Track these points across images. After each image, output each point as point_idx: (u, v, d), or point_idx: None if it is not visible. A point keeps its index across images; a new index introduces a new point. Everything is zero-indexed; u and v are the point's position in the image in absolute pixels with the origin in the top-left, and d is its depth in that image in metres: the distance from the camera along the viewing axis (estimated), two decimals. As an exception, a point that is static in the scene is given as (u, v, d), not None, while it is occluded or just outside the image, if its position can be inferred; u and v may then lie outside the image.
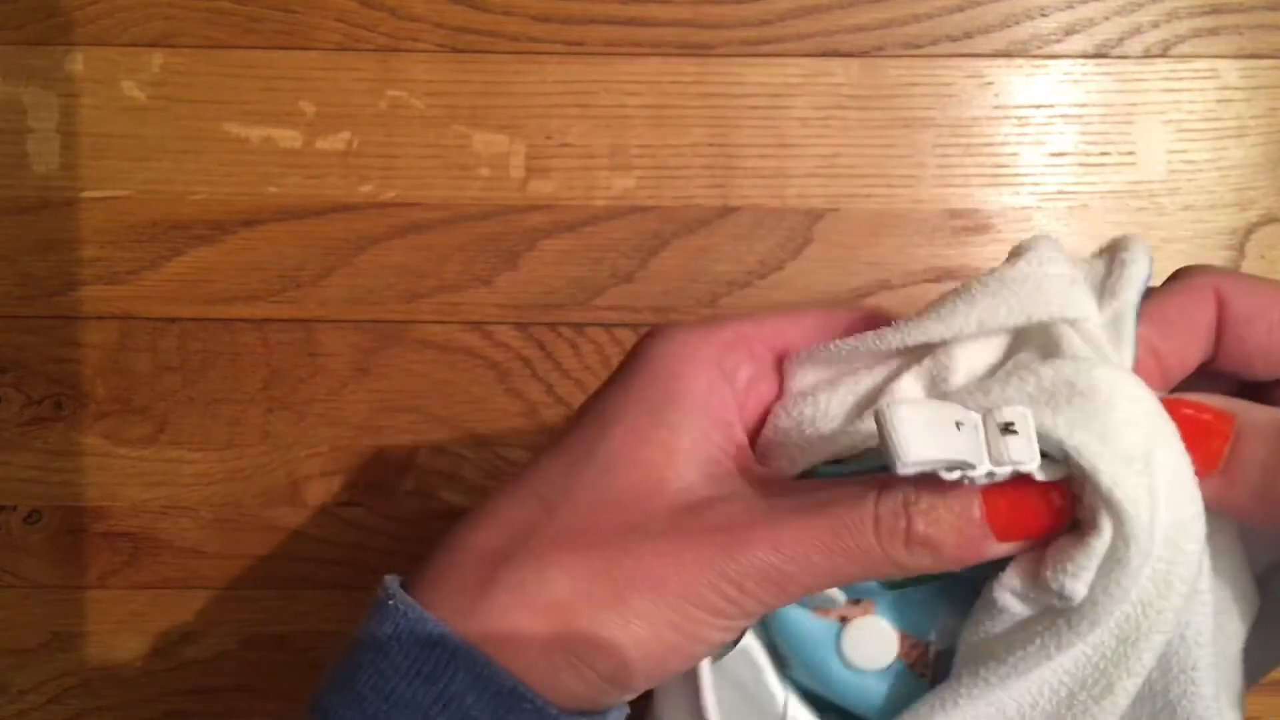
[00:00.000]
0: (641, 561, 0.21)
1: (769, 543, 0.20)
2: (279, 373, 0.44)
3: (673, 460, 0.22)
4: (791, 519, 0.21)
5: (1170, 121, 0.43)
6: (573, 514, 0.22)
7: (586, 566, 0.21)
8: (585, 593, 0.21)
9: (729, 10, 0.43)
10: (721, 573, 0.20)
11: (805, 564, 0.20)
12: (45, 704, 0.45)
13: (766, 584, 0.21)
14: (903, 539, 0.20)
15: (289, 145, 0.43)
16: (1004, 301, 0.21)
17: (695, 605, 0.21)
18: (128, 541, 0.44)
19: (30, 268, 0.43)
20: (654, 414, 0.22)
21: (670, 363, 0.23)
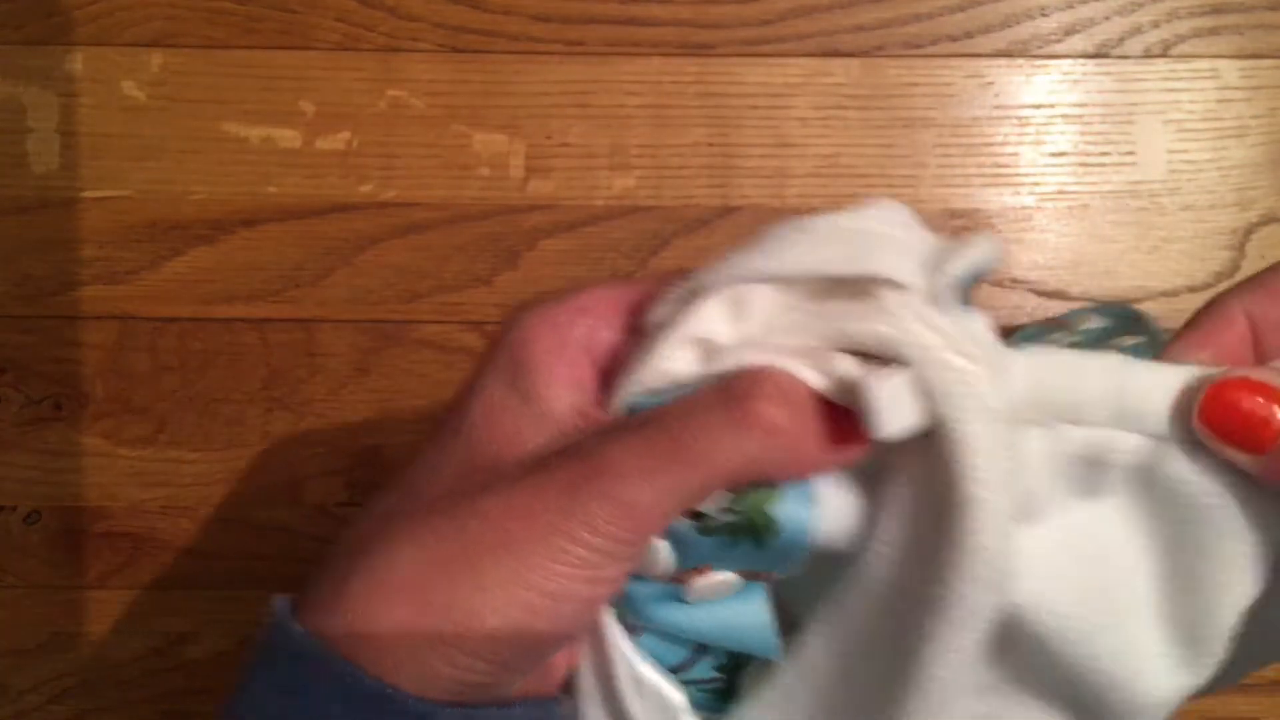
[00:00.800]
0: (489, 521, 0.20)
1: (611, 472, 0.20)
2: (278, 373, 0.44)
3: (524, 424, 0.22)
4: (629, 441, 0.20)
5: (1170, 121, 0.43)
6: (425, 493, 0.21)
7: (435, 537, 0.20)
8: (436, 566, 0.20)
9: (729, 10, 0.43)
10: (570, 516, 0.20)
11: (652, 484, 0.20)
12: (45, 704, 0.45)
13: (619, 518, 0.20)
14: (760, 416, 0.20)
15: (289, 145, 0.43)
16: (836, 250, 0.21)
17: (550, 559, 0.20)
18: (127, 541, 0.44)
19: (30, 268, 0.43)
20: (507, 383, 0.22)
21: (523, 333, 0.23)
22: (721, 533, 0.21)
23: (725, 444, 0.20)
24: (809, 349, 0.21)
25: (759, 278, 0.21)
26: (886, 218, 0.22)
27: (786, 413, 0.20)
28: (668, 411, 0.21)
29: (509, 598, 0.20)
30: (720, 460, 0.20)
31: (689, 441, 0.20)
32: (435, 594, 0.20)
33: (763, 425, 0.20)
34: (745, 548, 0.22)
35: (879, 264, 0.21)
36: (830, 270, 0.21)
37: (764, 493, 0.21)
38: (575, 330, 0.23)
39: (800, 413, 0.20)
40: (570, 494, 0.20)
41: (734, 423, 0.20)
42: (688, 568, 0.22)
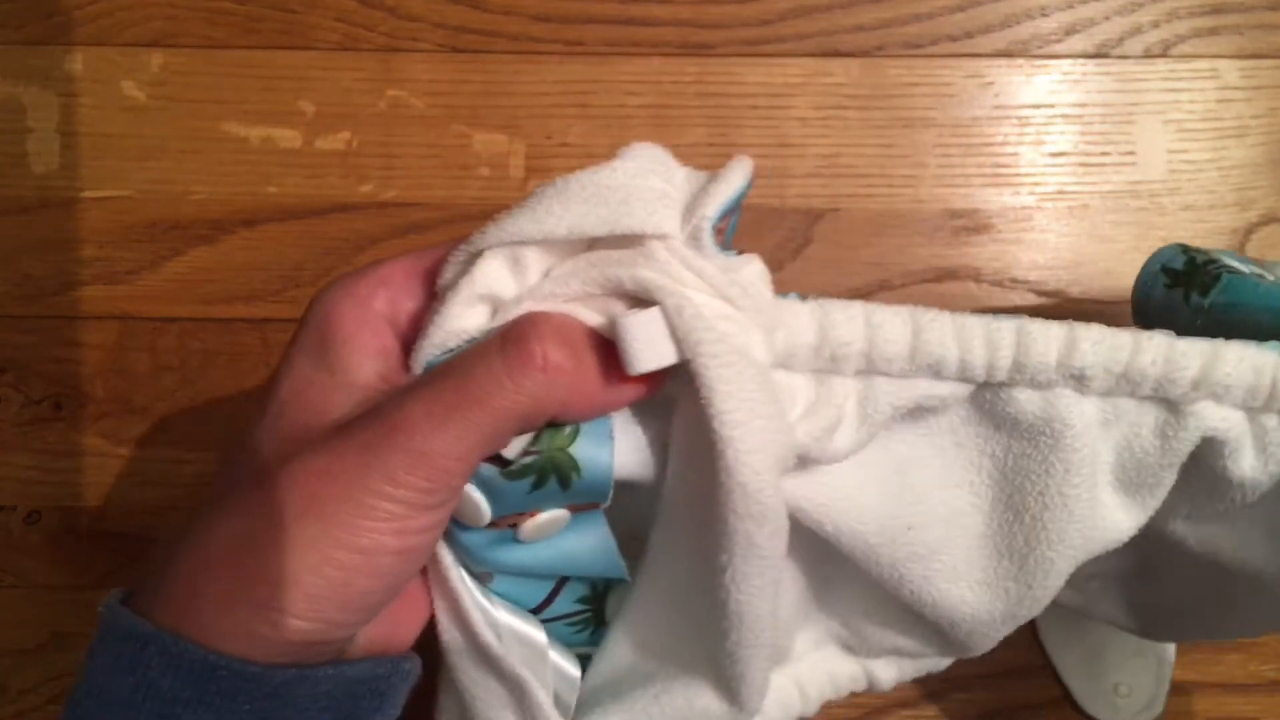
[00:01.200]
0: (295, 487, 0.21)
1: (405, 426, 0.21)
2: (279, 373, 0.44)
3: (331, 395, 0.22)
4: (419, 394, 0.21)
5: (1170, 121, 0.43)
6: (240, 470, 0.22)
7: (246, 505, 0.21)
8: (249, 536, 0.21)
9: (729, 10, 0.43)
10: (369, 471, 0.20)
11: (442, 436, 0.20)
12: (45, 704, 0.45)
13: (417, 468, 0.20)
14: (537, 360, 0.21)
15: (289, 145, 0.43)
16: (595, 210, 0.22)
17: (357, 515, 0.20)
18: (127, 541, 0.44)
19: (30, 268, 0.43)
20: (312, 357, 0.23)
21: (325, 308, 0.24)
22: (527, 475, 0.22)
23: (508, 386, 0.21)
24: (587, 295, 0.22)
25: (527, 239, 0.22)
26: (643, 168, 0.23)
27: (563, 352, 0.21)
28: (453, 363, 0.22)
29: (321, 557, 0.20)
30: (505, 402, 0.21)
31: (474, 388, 0.21)
32: (250, 561, 0.20)
33: (538, 364, 0.21)
34: (552, 488, 0.22)
35: (634, 219, 0.22)
36: (589, 229, 0.22)
37: (562, 435, 0.22)
38: (376, 301, 0.24)
39: (576, 352, 0.21)
40: (369, 451, 0.21)
41: (512, 365, 0.21)
42: (505, 514, 0.23)
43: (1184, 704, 0.43)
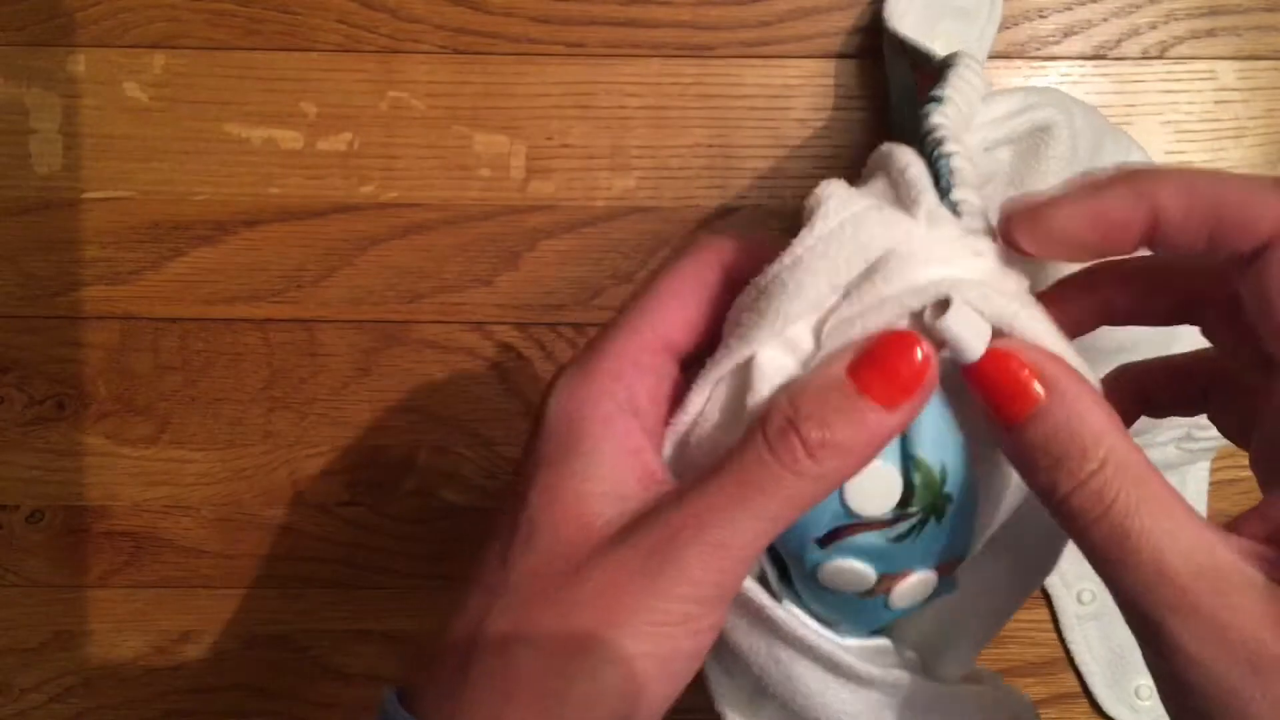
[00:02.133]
0: (588, 608, 0.21)
1: (691, 527, 0.21)
2: (280, 373, 0.44)
3: (588, 504, 0.22)
4: (700, 494, 0.21)
5: (1168, 123, 0.43)
6: (517, 589, 0.22)
7: (543, 635, 0.21)
8: (549, 661, 0.21)
9: (729, 11, 0.43)
10: (664, 575, 0.20)
11: (734, 528, 0.20)
12: (47, 703, 0.45)
13: (711, 562, 0.21)
14: (800, 450, 0.20)
15: (290, 146, 0.43)
16: (840, 257, 0.22)
17: (657, 624, 0.21)
18: (129, 541, 0.44)
19: (32, 268, 0.44)
20: (560, 467, 0.23)
21: (565, 413, 0.23)
22: (912, 532, 0.22)
23: (786, 477, 0.21)
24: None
25: (795, 318, 0.22)
26: (842, 197, 0.23)
27: (824, 428, 0.21)
28: (728, 459, 0.21)
29: (623, 673, 0.21)
30: (788, 491, 0.21)
31: (754, 481, 0.21)
32: (553, 687, 0.21)
33: (801, 454, 0.20)
34: (930, 529, 0.23)
35: (877, 244, 0.22)
36: (846, 276, 0.22)
37: (935, 482, 0.22)
38: (617, 397, 0.23)
39: (842, 409, 0.21)
40: (658, 555, 0.21)
41: (782, 459, 0.21)
42: (889, 572, 0.23)
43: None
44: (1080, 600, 0.42)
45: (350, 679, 0.45)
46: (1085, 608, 0.42)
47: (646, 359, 0.24)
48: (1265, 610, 0.18)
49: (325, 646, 0.45)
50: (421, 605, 0.45)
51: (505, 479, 0.44)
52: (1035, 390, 0.20)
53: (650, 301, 0.24)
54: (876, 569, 0.23)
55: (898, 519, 0.22)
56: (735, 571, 0.21)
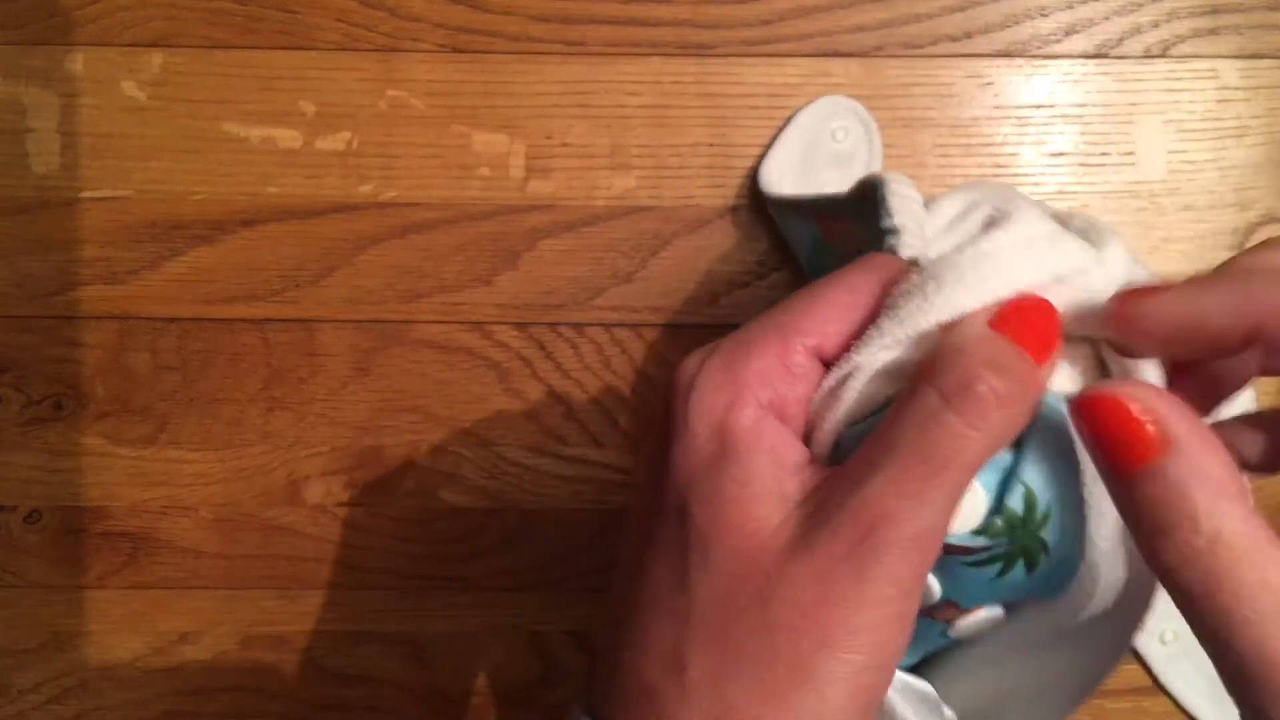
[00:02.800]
0: (798, 631, 0.20)
1: (883, 518, 0.19)
2: (279, 373, 0.44)
3: (755, 510, 0.21)
4: (880, 480, 0.20)
5: (1170, 121, 0.43)
6: (707, 616, 0.21)
7: (757, 668, 0.20)
8: (773, 696, 0.20)
9: (729, 10, 0.43)
10: (869, 579, 0.19)
11: (931, 510, 0.19)
12: (45, 704, 0.45)
13: (911, 554, 0.20)
14: (991, 400, 0.19)
15: (289, 145, 0.43)
16: (1024, 265, 0.22)
17: (872, 633, 0.20)
18: (127, 541, 0.44)
19: (30, 268, 0.43)
20: (717, 476, 0.22)
21: (715, 419, 0.22)
22: (995, 563, 0.21)
23: (973, 436, 0.19)
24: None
25: (929, 328, 0.22)
26: (1032, 218, 0.23)
27: (1003, 376, 0.20)
28: (897, 435, 0.20)
29: (852, 687, 0.20)
30: (974, 452, 0.20)
31: (939, 452, 0.20)
32: (776, 712, 0.20)
33: (992, 403, 0.19)
34: (1017, 575, 0.21)
35: (1038, 272, 0.22)
36: (1002, 292, 0.22)
37: (1035, 519, 0.21)
38: (762, 397, 0.22)
39: (1009, 364, 0.20)
40: (856, 559, 0.20)
41: (969, 414, 0.19)
42: (952, 599, 0.22)
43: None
44: (1163, 641, 0.41)
45: (350, 680, 0.45)
46: (1169, 648, 0.41)
47: (796, 361, 0.22)
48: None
49: (324, 647, 0.45)
50: (421, 605, 0.45)
51: (505, 479, 0.44)
52: (1153, 439, 0.18)
53: (807, 304, 0.23)
54: (944, 589, 0.22)
55: (976, 548, 0.21)
56: (936, 550, 0.20)
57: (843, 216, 0.33)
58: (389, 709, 0.45)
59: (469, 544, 0.44)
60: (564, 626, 0.45)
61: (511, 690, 0.45)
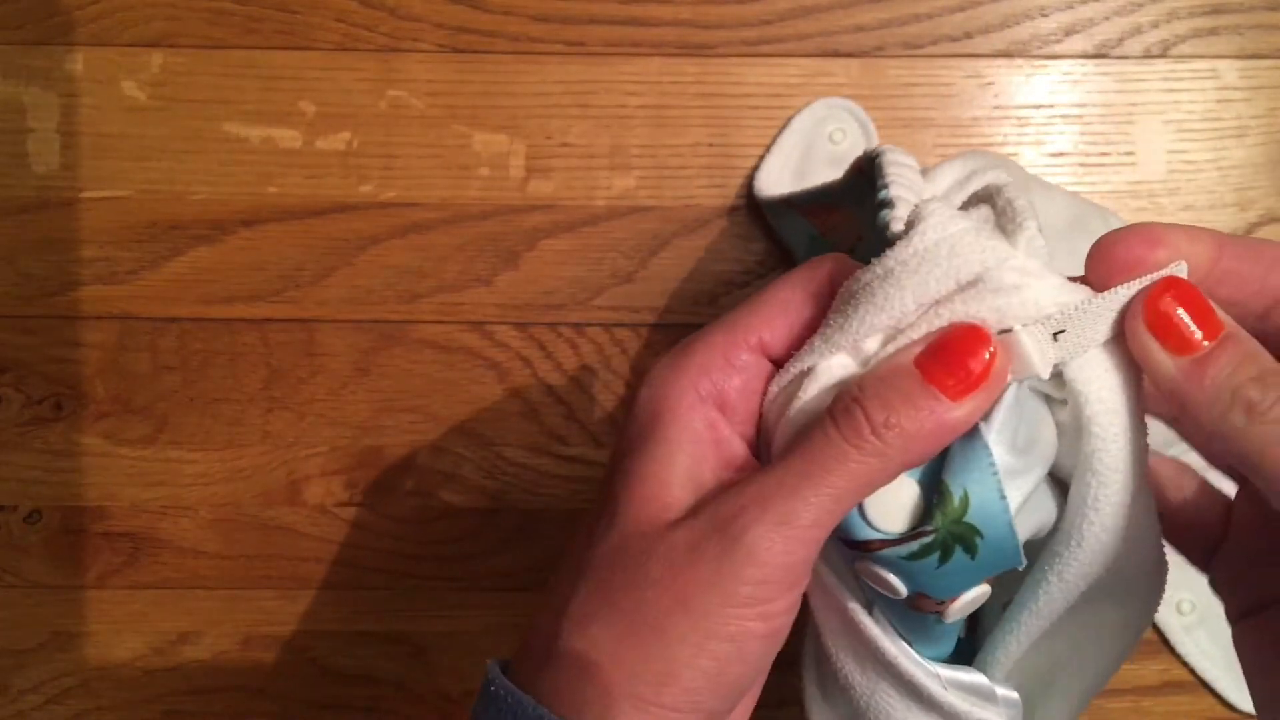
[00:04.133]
0: (661, 586, 0.21)
1: (755, 506, 0.21)
2: (279, 373, 0.44)
3: (667, 489, 0.23)
4: (770, 474, 0.22)
5: (1170, 122, 0.43)
6: (597, 568, 0.23)
7: (620, 613, 0.22)
8: (628, 639, 0.22)
9: (729, 10, 0.43)
10: (731, 556, 0.21)
11: (797, 503, 0.21)
12: (45, 704, 0.45)
13: (775, 546, 0.21)
14: (866, 429, 0.21)
15: (289, 145, 0.43)
16: (931, 275, 0.22)
17: (722, 604, 0.21)
18: (127, 541, 0.44)
19: (30, 268, 0.43)
20: (642, 454, 0.23)
21: (653, 403, 0.24)
22: (931, 553, 0.22)
23: (851, 454, 0.21)
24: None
25: (875, 330, 0.23)
26: (941, 217, 0.23)
27: (891, 410, 0.21)
28: (796, 440, 0.22)
29: (696, 650, 0.21)
30: (852, 469, 0.21)
31: (819, 458, 0.21)
32: (632, 662, 0.21)
33: (868, 432, 0.21)
34: (959, 560, 0.22)
35: (971, 266, 0.22)
36: (934, 293, 0.22)
37: (953, 507, 0.22)
38: (702, 389, 0.24)
39: (909, 396, 0.21)
40: (723, 534, 0.21)
41: (847, 434, 0.21)
42: (920, 590, 0.23)
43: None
44: (1180, 611, 0.42)
45: (349, 680, 0.45)
46: (1186, 618, 0.42)
47: (739, 356, 0.24)
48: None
49: (324, 647, 0.45)
50: (421, 605, 0.45)
51: (505, 479, 0.44)
52: (1220, 320, 0.20)
53: (754, 304, 0.25)
54: (907, 585, 0.23)
55: (911, 538, 0.22)
56: (800, 553, 0.21)
57: (839, 205, 0.33)
58: (389, 709, 0.45)
59: (469, 544, 0.44)
60: (564, 626, 0.45)
61: (511, 690, 0.45)
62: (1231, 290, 0.21)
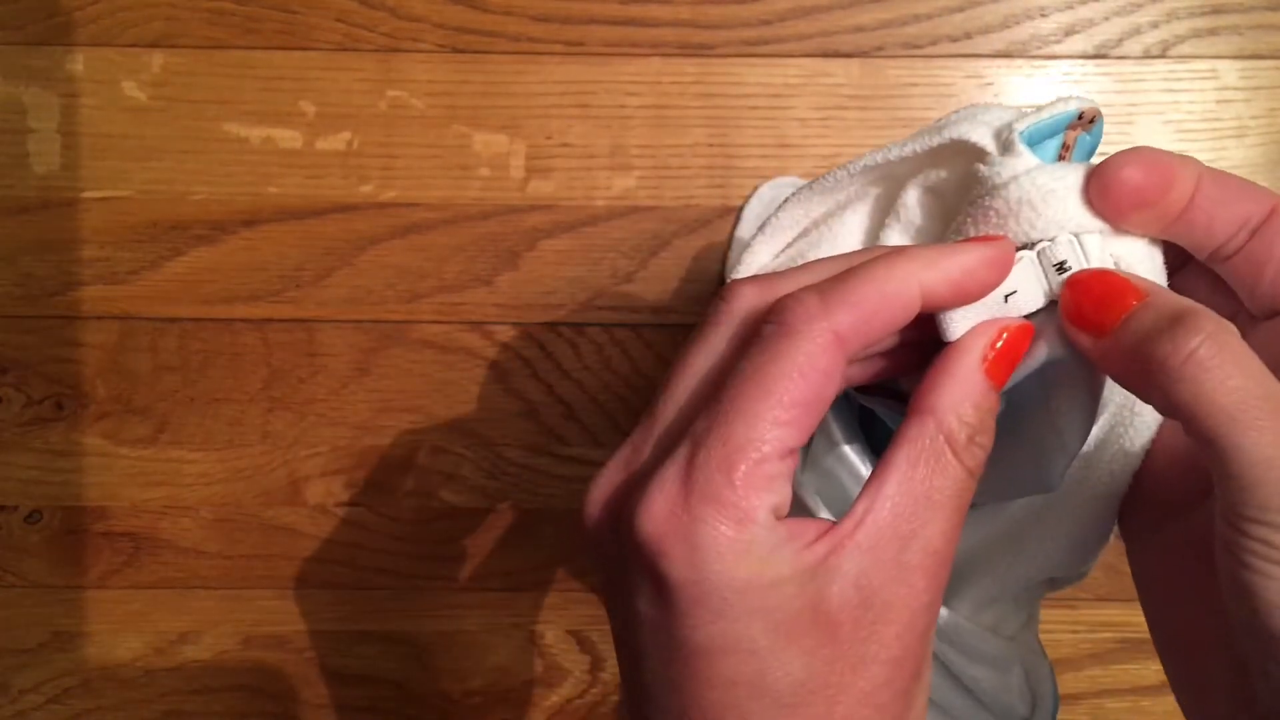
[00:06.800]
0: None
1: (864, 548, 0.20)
2: (279, 373, 0.44)
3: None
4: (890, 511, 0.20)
5: (1170, 122, 0.43)
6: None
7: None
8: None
9: (729, 10, 0.43)
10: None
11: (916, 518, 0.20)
12: (45, 703, 0.45)
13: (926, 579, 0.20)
14: (982, 455, 0.21)
15: (289, 145, 0.43)
16: (920, 137, 0.24)
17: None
18: (128, 541, 0.44)
19: (31, 268, 0.43)
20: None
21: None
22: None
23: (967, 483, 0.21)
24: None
25: (875, 164, 0.25)
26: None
27: (987, 436, 0.21)
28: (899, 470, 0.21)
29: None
30: (964, 477, 0.21)
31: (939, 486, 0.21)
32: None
33: (982, 459, 0.21)
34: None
35: (952, 131, 0.24)
36: (917, 149, 0.24)
37: None
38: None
39: (989, 412, 0.21)
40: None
41: (970, 473, 0.21)
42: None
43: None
44: None
45: (349, 679, 0.45)
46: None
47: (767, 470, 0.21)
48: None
49: (324, 647, 0.45)
50: (421, 605, 0.45)
51: (505, 479, 0.44)
52: (1138, 289, 0.21)
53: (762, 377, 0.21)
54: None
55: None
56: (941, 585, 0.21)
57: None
58: (389, 709, 0.45)
59: (469, 544, 0.44)
60: (564, 626, 0.45)
61: (511, 690, 0.45)
62: (1209, 219, 0.22)
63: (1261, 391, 0.19)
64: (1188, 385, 0.19)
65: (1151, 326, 0.20)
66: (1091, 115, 0.25)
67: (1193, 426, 0.19)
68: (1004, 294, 0.22)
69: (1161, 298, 0.21)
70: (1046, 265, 0.22)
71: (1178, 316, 0.20)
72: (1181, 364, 0.19)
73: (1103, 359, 0.21)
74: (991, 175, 0.23)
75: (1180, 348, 0.19)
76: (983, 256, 0.22)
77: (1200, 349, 0.19)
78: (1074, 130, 0.24)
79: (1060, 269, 0.22)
